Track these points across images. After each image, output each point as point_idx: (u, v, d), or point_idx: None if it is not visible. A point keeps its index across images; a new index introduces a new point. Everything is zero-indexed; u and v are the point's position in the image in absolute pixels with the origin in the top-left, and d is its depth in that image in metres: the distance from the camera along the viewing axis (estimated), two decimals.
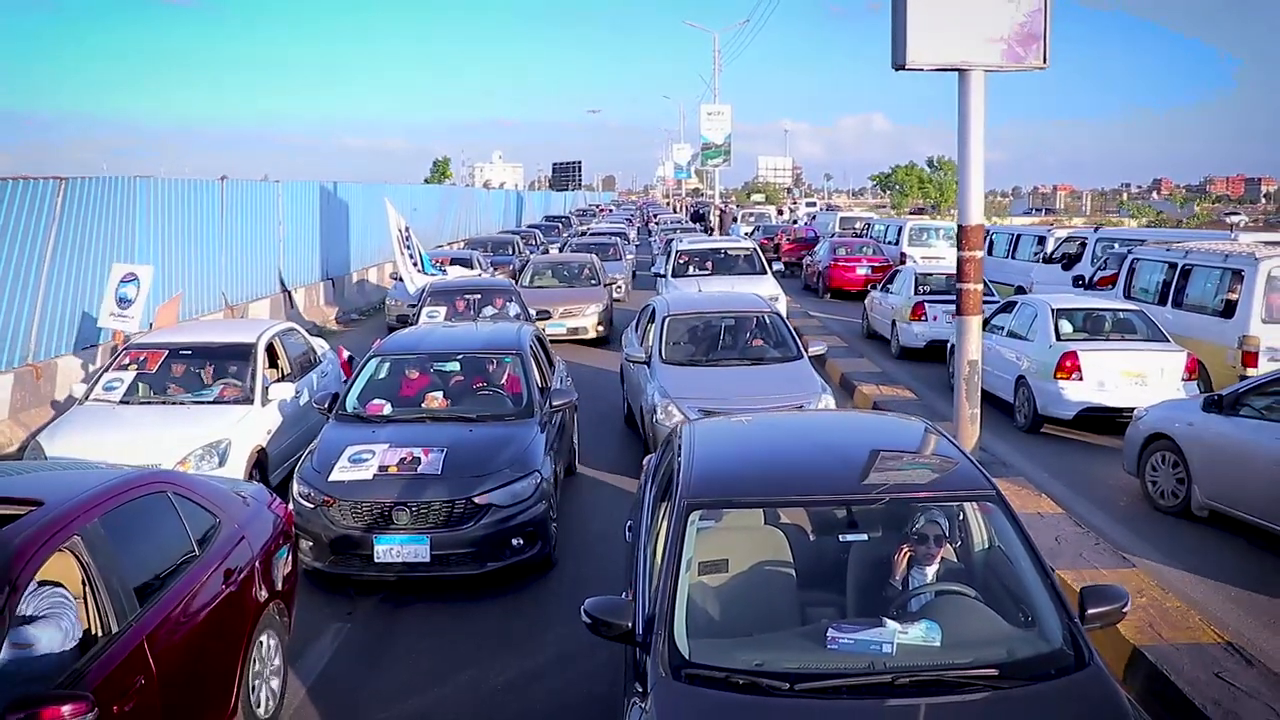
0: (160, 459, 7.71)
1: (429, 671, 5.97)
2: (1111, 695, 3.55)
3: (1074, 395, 10.55)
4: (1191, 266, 12.12)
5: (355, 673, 6.00)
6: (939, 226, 27.30)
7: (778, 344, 10.76)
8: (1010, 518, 4.26)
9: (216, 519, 5.18)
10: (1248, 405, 7.76)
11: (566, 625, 6.18)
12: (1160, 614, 5.83)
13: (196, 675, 4.61)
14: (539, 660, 6.10)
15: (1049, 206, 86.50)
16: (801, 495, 4.57)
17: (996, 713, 3.50)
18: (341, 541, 6.91)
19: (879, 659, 3.67)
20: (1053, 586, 3.93)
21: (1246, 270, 11.04)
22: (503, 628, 6.54)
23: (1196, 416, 8.09)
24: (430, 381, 8.74)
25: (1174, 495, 8.29)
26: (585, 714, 5.40)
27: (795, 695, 3.52)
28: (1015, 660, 3.68)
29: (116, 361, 9.42)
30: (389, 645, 6.37)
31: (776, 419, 6.76)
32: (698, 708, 3.56)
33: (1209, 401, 7.99)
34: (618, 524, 6.65)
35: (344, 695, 5.73)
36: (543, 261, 21.40)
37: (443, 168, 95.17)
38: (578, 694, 5.65)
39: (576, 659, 5.95)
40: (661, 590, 3.97)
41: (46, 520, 4.03)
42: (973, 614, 3.99)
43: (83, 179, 12.81)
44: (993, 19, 8.40)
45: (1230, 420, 7.78)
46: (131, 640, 4.13)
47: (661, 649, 3.74)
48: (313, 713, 5.59)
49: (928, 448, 4.94)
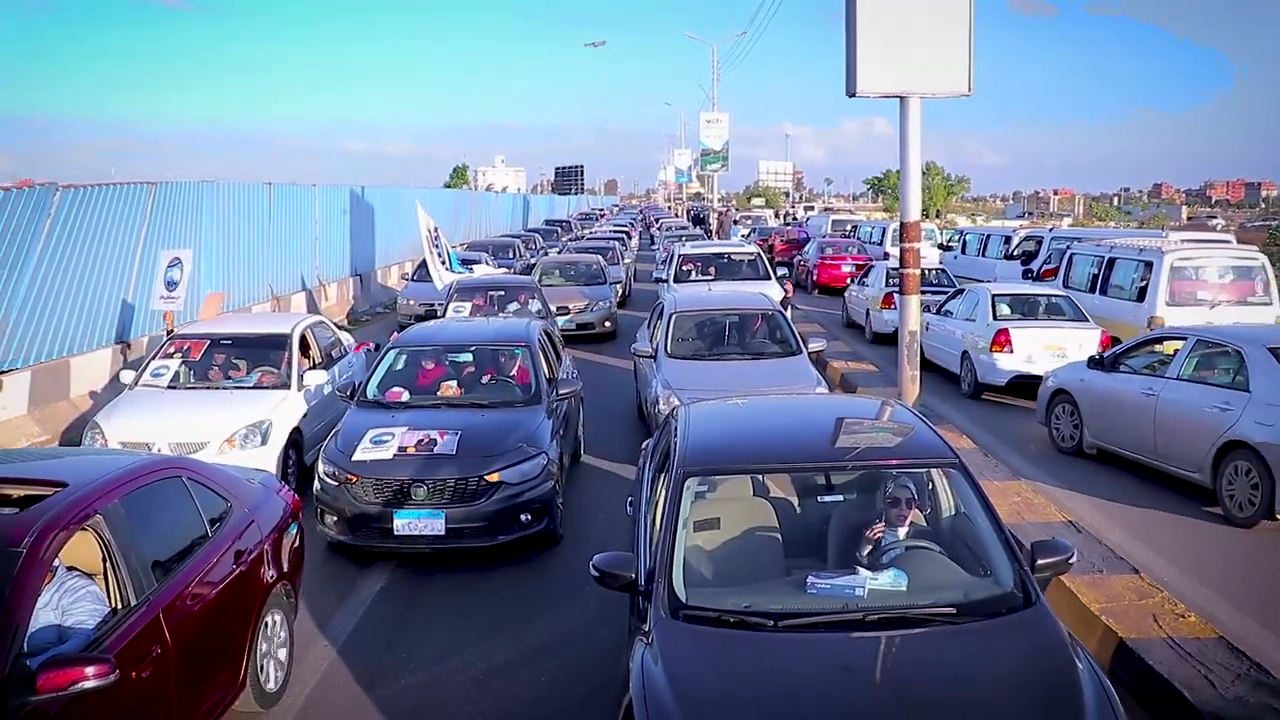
0: (209, 437, 8.60)
1: (446, 637, 6.44)
2: (1053, 628, 4.03)
3: (1006, 365, 12.58)
4: (1114, 259, 14.18)
5: (380, 638, 6.45)
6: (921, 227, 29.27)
7: (778, 340, 11.32)
8: (971, 483, 4.75)
9: (228, 503, 5.42)
10: (1123, 363, 9.81)
11: (571, 597, 6.92)
12: (1026, 505, 7.88)
13: (209, 649, 4.87)
14: (545, 625, 6.62)
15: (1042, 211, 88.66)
16: (786, 463, 5.07)
17: (954, 643, 3.97)
18: (364, 516, 7.43)
19: (852, 601, 4.17)
20: (1006, 541, 4.43)
21: (1155, 261, 13.09)
22: (512, 596, 7.10)
23: (1086, 374, 10.12)
24: (445, 371, 9.27)
25: (1070, 438, 10.32)
26: (589, 674, 5.79)
27: (779, 630, 4.03)
28: (971, 601, 4.20)
29: (162, 350, 10.11)
30: (409, 614, 6.87)
31: (765, 401, 7.15)
32: (694, 641, 4.02)
33: (1092, 360, 10.05)
34: (621, 507, 7.01)
35: (370, 659, 6.14)
36: (551, 262, 22.66)
37: (461, 174, 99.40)
38: (581, 655, 6.10)
39: (580, 627, 6.52)
40: (661, 545, 4.44)
41: (70, 500, 4.27)
42: (936, 565, 4.50)
43: (165, 183, 14.86)
44: (926, 53, 10.44)
45: (1109, 375, 9.82)
46: (149, 613, 4.37)
47: (662, 594, 4.22)
48: (345, 673, 6.01)
49: (900, 424, 5.44)
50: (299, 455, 9.29)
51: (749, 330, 11.62)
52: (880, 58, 10.41)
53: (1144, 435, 9.22)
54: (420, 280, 20.66)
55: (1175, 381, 8.97)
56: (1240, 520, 8.05)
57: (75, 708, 3.74)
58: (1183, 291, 12.85)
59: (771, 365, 10.65)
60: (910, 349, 10.81)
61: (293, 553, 5.92)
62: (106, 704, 3.91)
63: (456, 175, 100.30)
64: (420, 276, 20.90)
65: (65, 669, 3.65)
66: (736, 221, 46.21)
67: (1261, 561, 7.51)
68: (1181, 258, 13.02)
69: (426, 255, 18.66)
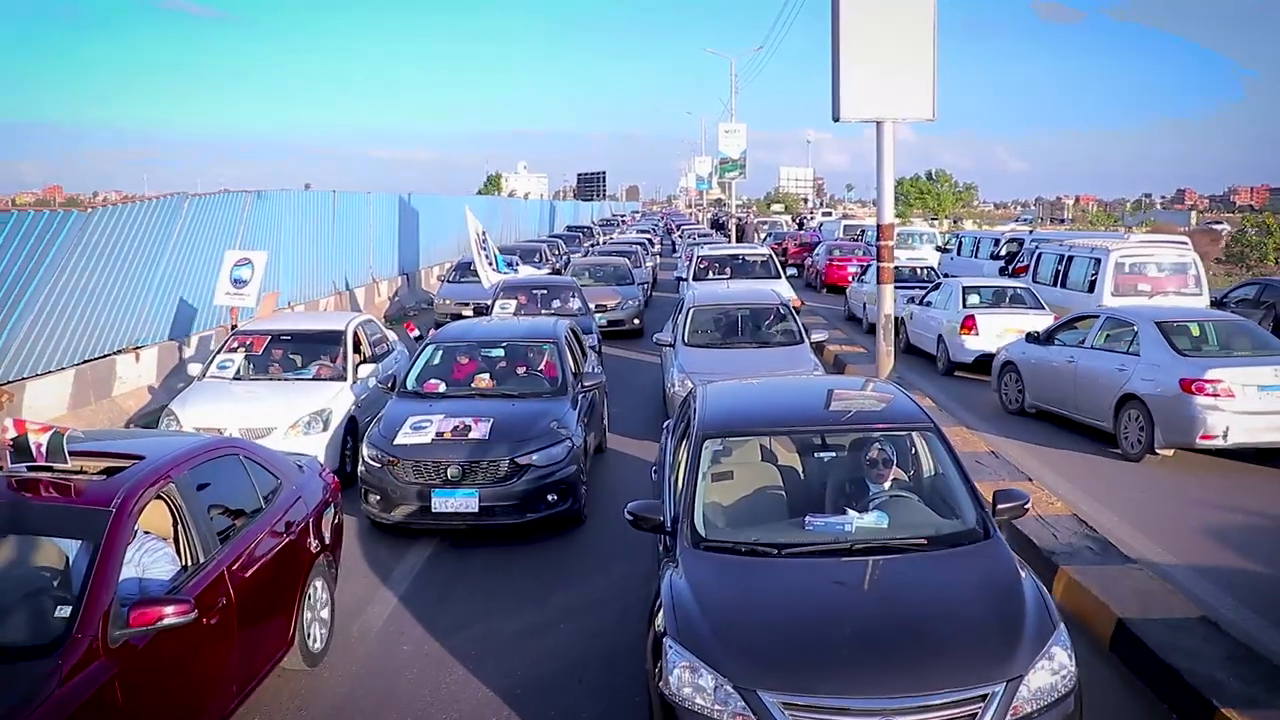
0: (275, 423, 9.34)
1: (484, 604, 7.09)
2: (1005, 553, 4.96)
3: (972, 346, 14.83)
4: (1071, 257, 16.41)
5: (426, 604, 7.10)
6: (922, 232, 31.57)
7: (783, 331, 12.61)
8: (944, 443, 5.67)
9: (278, 480, 6.03)
10: (1055, 338, 12.07)
11: (596, 570, 7.67)
12: (963, 442, 10.16)
13: (264, 607, 5.41)
14: (575, 592, 7.28)
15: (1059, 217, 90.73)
16: (789, 426, 6.07)
17: (925, 564, 4.89)
18: (404, 495, 8.07)
19: (843, 536, 5.04)
20: (971, 489, 5.33)
21: (1103, 258, 15.31)
22: (543, 569, 7.75)
23: (1027, 348, 12.40)
24: (478, 365, 9.90)
25: (1015, 400, 12.59)
26: (612, 633, 6.44)
27: (781, 556, 4.92)
28: (941, 535, 5.11)
29: (226, 345, 10.85)
30: (449, 584, 7.50)
31: (770, 380, 8.38)
32: (712, 564, 4.90)
33: (1030, 336, 12.33)
34: (643, 492, 7.55)
35: (419, 621, 6.79)
36: (582, 264, 24.11)
37: (495, 181, 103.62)
38: (603, 620, 6.72)
39: (605, 596, 7.16)
40: (684, 493, 5.33)
41: (149, 469, 4.92)
42: (913, 509, 5.39)
43: (259, 191, 17.37)
44: (897, 84, 12.65)
45: (1044, 347, 12.09)
46: (215, 569, 4.99)
47: (685, 531, 5.11)
48: (399, 633, 6.60)
49: (884, 396, 6.36)
50: (355, 441, 9.80)
51: (758, 322, 12.86)
52: (859, 89, 12.66)
53: (1067, 394, 11.50)
54: (455, 282, 22.33)
55: (1089, 350, 11.26)
56: (1132, 455, 10.31)
57: (158, 642, 4.36)
58: (1126, 284, 15.02)
59: (777, 353, 11.84)
60: (885, 329, 13.08)
61: (333, 528, 6.54)
62: (182, 643, 4.53)
63: (490, 183, 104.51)
64: (455, 278, 22.63)
65: (153, 607, 4.24)
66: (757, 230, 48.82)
67: (1144, 485, 9.72)
68: (1124, 255, 15.23)
69: (475, 256, 19.89)
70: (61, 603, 4.24)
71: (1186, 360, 10.03)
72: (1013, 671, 4.20)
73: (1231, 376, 9.66)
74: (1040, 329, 12.50)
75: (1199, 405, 9.65)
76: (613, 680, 5.83)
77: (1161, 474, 9.93)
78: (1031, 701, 4.17)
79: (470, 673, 6.04)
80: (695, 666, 4.29)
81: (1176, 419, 9.83)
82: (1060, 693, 4.24)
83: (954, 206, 76.14)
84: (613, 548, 7.97)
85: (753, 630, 4.44)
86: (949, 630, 4.44)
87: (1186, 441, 9.85)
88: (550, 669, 6.05)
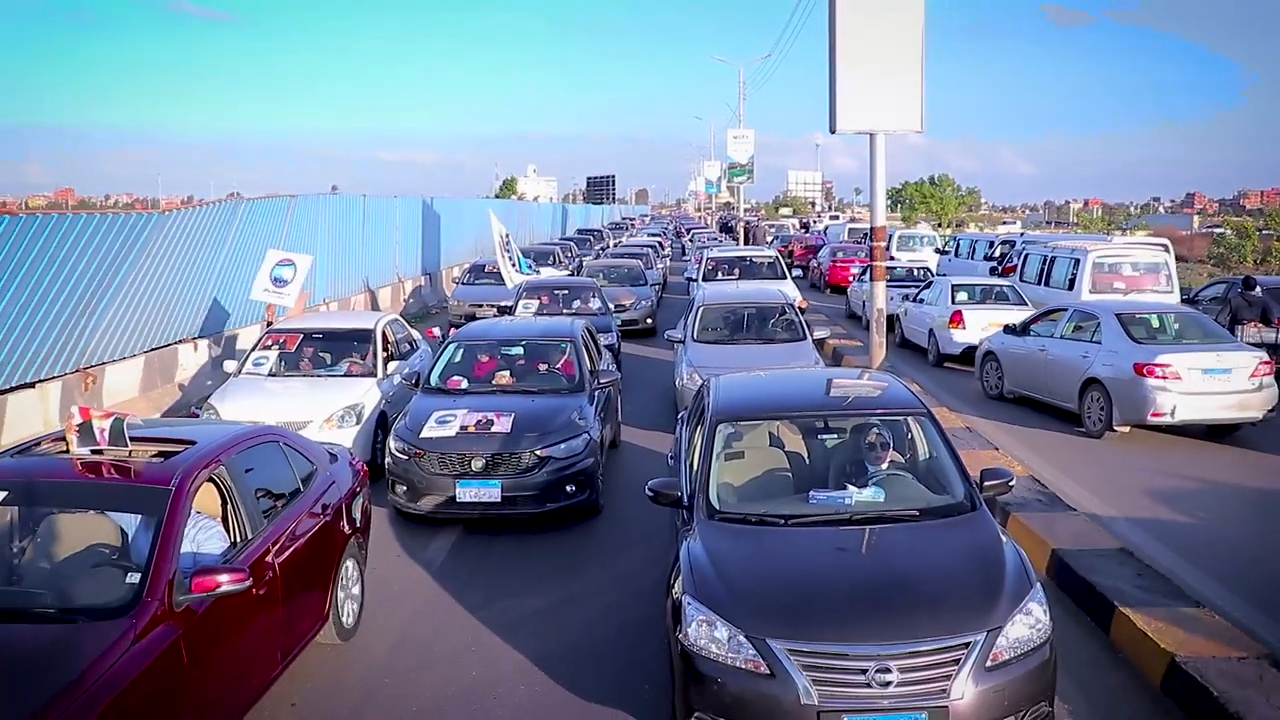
0: (311, 417, 9.76)
1: (507, 585, 7.52)
2: (989, 523, 5.47)
3: (959, 339, 16.10)
4: (1054, 257, 17.68)
5: (451, 588, 7.47)
6: (922, 235, 32.84)
7: (787, 328, 13.22)
8: (936, 427, 6.20)
9: (314, 465, 6.45)
10: (1030, 329, 13.34)
11: (612, 554, 8.14)
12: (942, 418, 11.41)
13: (303, 582, 5.80)
14: (593, 574, 7.78)
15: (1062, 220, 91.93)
16: (794, 411, 6.61)
17: (917, 532, 5.39)
18: (430, 486, 8.47)
19: (842, 508, 5.55)
20: (960, 468, 5.87)
21: (1081, 258, 16.58)
22: (564, 554, 8.17)
23: (1006, 339, 13.67)
24: (498, 363, 10.30)
25: (995, 387, 13.86)
26: (628, 610, 6.89)
27: (787, 525, 5.44)
28: (931, 507, 5.62)
29: (261, 343, 11.40)
30: (473, 568, 7.88)
31: (779, 373, 9.09)
32: (725, 532, 5.41)
33: (1008, 328, 13.61)
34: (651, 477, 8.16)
35: (445, 600, 7.22)
36: (597, 265, 24.80)
37: (511, 185, 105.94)
38: (622, 598, 7.16)
39: (622, 577, 7.61)
40: (699, 471, 5.85)
41: (202, 452, 5.35)
42: (907, 485, 5.90)
43: (300, 196, 18.75)
44: (888, 99, 13.92)
45: (1020, 339, 13.36)
46: (262, 545, 5.39)
47: (701, 504, 5.63)
48: (426, 611, 7.03)
49: (882, 384, 6.96)
50: (386, 434, 10.01)
51: (764, 320, 13.50)
52: (854, 103, 13.95)
53: (1040, 379, 12.78)
54: (470, 284, 22.90)
55: (1059, 340, 12.54)
56: (1094, 433, 11.59)
57: (215, 608, 4.78)
58: (1103, 282, 16.28)
59: (779, 349, 12.51)
60: (878, 323, 14.36)
61: (363, 512, 6.94)
62: (235, 611, 4.96)
63: (506, 187, 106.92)
64: (470, 280, 23.23)
65: (213, 574, 4.67)
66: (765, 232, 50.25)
67: (1100, 456, 10.97)
68: (1101, 255, 16.51)
69: (499, 258, 20.63)
70: (130, 571, 4.69)
71: (1141, 347, 11.31)
72: (992, 623, 4.69)
73: (1179, 361, 10.94)
74: (1018, 322, 13.76)
75: (1150, 387, 10.93)
76: (633, 643, 6.38)
77: (1117, 448, 11.21)
78: (1009, 650, 4.67)
79: (502, 641, 6.51)
80: (711, 620, 4.79)
81: (1131, 399, 11.11)
82: (1035, 643, 4.75)
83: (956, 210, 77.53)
84: (628, 535, 8.54)
85: (762, 587, 4.96)
86: (936, 587, 4.96)
87: (1139, 419, 11.12)
88: (570, 640, 6.51)
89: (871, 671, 4.50)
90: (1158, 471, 10.17)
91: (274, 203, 17.26)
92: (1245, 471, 10.36)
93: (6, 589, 4.77)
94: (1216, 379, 10.94)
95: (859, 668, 4.52)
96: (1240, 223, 38.63)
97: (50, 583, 4.79)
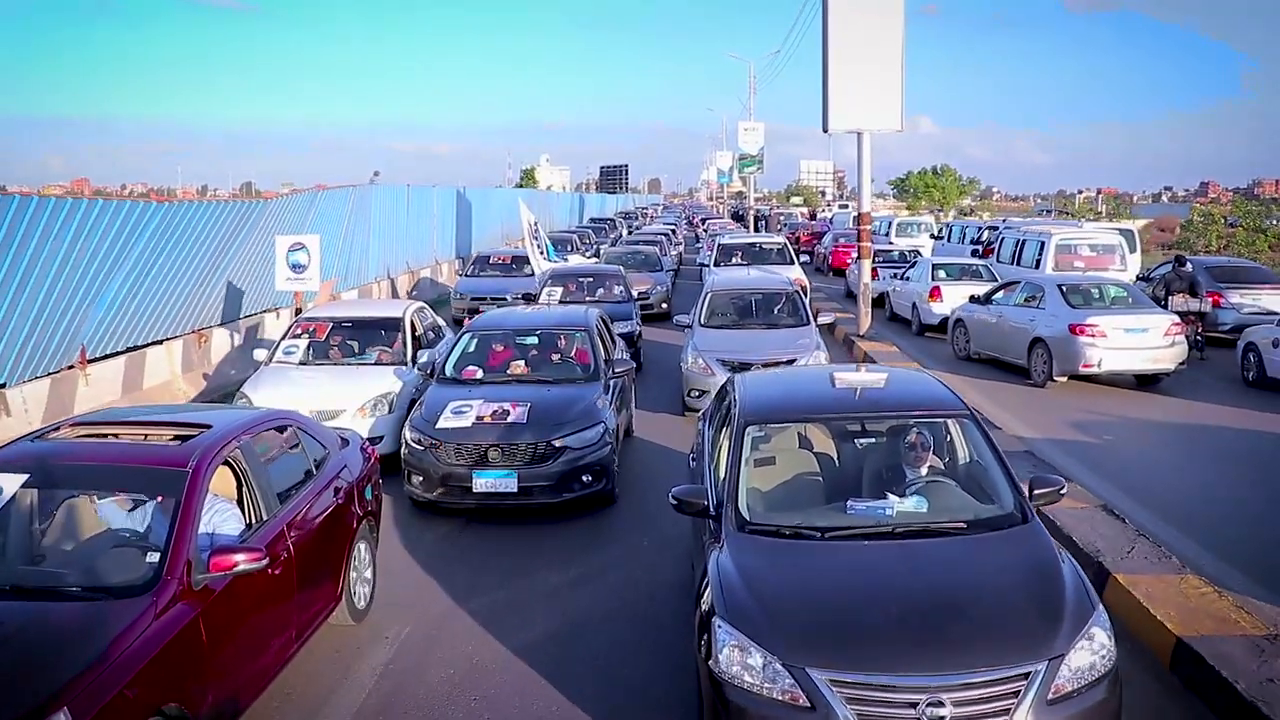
0: (344, 405, 9.78)
1: (521, 565, 7.62)
2: (1044, 538, 5.05)
3: (937, 310, 18.45)
4: (1025, 240, 20.02)
5: (459, 572, 7.48)
6: (919, 222, 35.14)
7: (791, 313, 13.50)
8: (980, 430, 5.74)
9: (326, 450, 6.45)
10: (992, 300, 15.71)
11: (628, 536, 8.30)
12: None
13: (317, 563, 5.84)
14: (613, 551, 7.97)
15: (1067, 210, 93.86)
16: (828, 413, 6.14)
17: (965, 547, 5.01)
18: (447, 476, 8.45)
19: (884, 520, 5.15)
20: (1009, 474, 5.40)
21: (1046, 241, 18.92)
22: (574, 539, 8.23)
23: (972, 308, 16.05)
24: (513, 353, 10.21)
25: (964, 349, 16.25)
26: (640, 600, 6.91)
27: (824, 539, 5.05)
28: (979, 519, 5.21)
29: (291, 331, 11.41)
30: (487, 554, 7.95)
31: (809, 370, 8.76)
32: (757, 546, 5.03)
33: (973, 299, 15.99)
34: (668, 472, 8.82)
35: (454, 588, 7.16)
36: (614, 252, 25.66)
37: (531, 175, 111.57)
38: (633, 585, 7.20)
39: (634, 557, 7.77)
40: (728, 479, 5.42)
41: (218, 434, 5.39)
42: (951, 494, 5.45)
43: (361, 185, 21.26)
44: (872, 99, 16.30)
45: (984, 307, 15.75)
46: (277, 525, 5.45)
47: (730, 514, 5.23)
48: (440, 593, 7.09)
49: (920, 385, 6.61)
50: None
51: (770, 306, 13.85)
52: (843, 104, 16.36)
53: (997, 341, 15.18)
54: (473, 275, 22.09)
55: (1011, 307, 14.94)
56: (1038, 383, 13.98)
57: (233, 587, 4.83)
58: (1064, 262, 18.60)
59: (784, 334, 12.86)
60: (864, 295, 16.81)
61: (375, 497, 6.96)
62: (252, 589, 5.00)
63: (526, 176, 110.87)
64: (474, 271, 22.45)
65: (230, 554, 4.72)
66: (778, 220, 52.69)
67: (1040, 400, 13.33)
68: (1063, 239, 18.88)
69: (527, 245, 21.09)
70: (150, 550, 4.75)
71: (1076, 311, 13.70)
72: (1054, 651, 4.30)
73: (1105, 322, 13.33)
74: (981, 294, 16.14)
75: (1081, 343, 13.32)
76: (649, 615, 6.65)
77: (1055, 393, 13.61)
78: (1072, 680, 4.28)
79: (522, 620, 6.65)
80: (744, 645, 4.40)
81: (1066, 353, 13.51)
82: (1100, 672, 4.35)
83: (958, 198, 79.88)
84: (645, 520, 8.60)
85: (800, 610, 4.56)
86: (991, 611, 4.56)
87: (1073, 369, 13.52)
88: (582, 621, 6.65)
89: (922, 706, 4.14)
90: (1081, 409, 12.55)
91: (341, 192, 19.83)
92: (1152, 410, 12.74)
93: (32, 569, 4.91)
94: (1136, 337, 13.31)
95: (908, 701, 4.16)
96: (1207, 210, 40.88)
97: (73, 562, 4.93)
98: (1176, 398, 13.32)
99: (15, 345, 10.53)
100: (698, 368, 11.90)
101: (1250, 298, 16.67)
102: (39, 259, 10.46)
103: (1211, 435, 11.49)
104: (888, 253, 25.04)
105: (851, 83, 16.21)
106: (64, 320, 11.25)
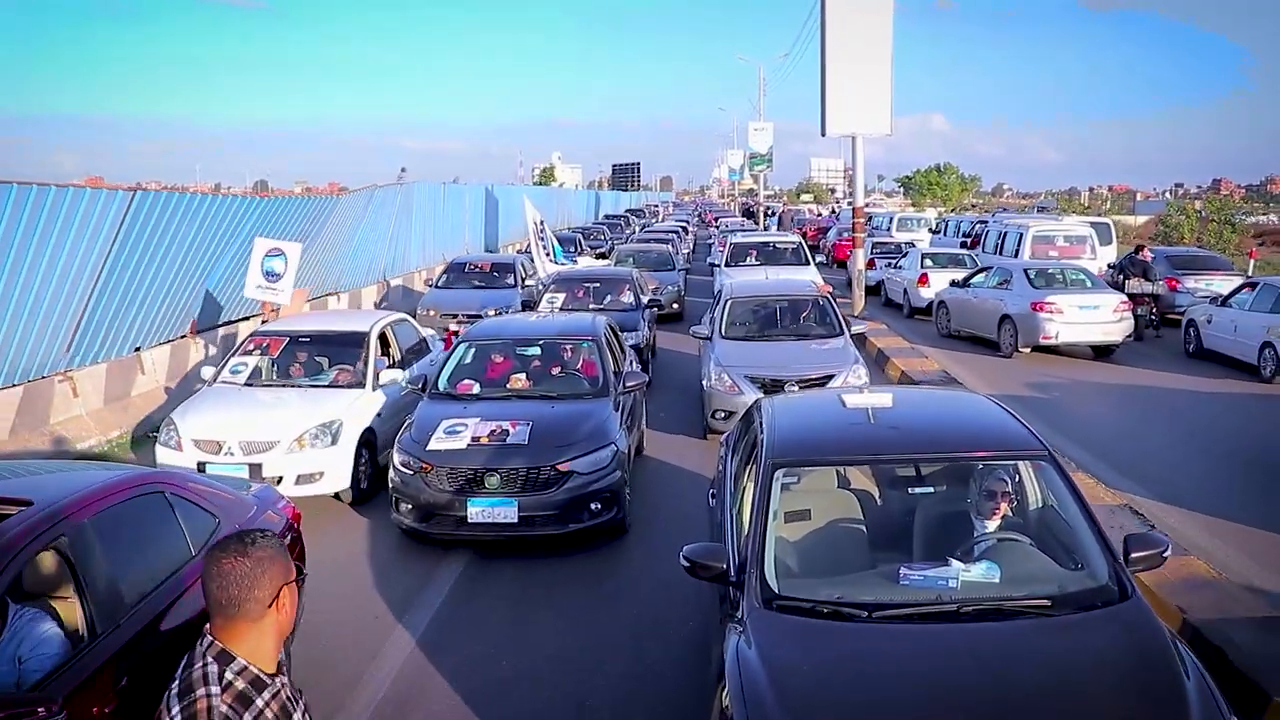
0: (279, 436, 8.52)
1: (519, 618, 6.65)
2: (1151, 622, 3.96)
3: (926, 295, 20.59)
4: (1005, 231, 22.19)
5: (459, 618, 6.65)
6: (918, 217, 37.30)
7: (822, 323, 12.13)
8: (1062, 475, 4.70)
9: (216, 520, 5.07)
10: (969, 283, 17.90)
11: (639, 573, 7.34)
12: (914, 359, 16.02)
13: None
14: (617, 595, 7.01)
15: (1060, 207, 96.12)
16: (873, 454, 5.06)
17: (1049, 635, 3.91)
18: (438, 505, 7.52)
19: (945, 592, 4.12)
20: (1100, 534, 4.36)
21: (1024, 232, 21.08)
22: (583, 580, 7.32)
23: (953, 290, 18.26)
24: (513, 365, 9.35)
25: (946, 327, 18.44)
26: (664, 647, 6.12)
27: (872, 621, 4.00)
28: (1066, 593, 4.13)
29: (242, 347, 10.18)
30: (486, 596, 7.01)
31: (848, 394, 6.34)
32: (787, 630, 4.01)
33: (953, 283, 18.19)
34: (684, 495, 8.49)
35: (455, 638, 6.34)
36: (626, 250, 24.93)
37: (549, 173, 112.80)
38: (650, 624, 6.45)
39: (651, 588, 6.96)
40: (752, 536, 4.42)
41: (33, 520, 3.96)
42: (1028, 557, 4.46)
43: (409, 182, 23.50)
44: (865, 105, 18.46)
45: (962, 289, 17.96)
46: (116, 642, 4.01)
47: (754, 585, 4.22)
48: (439, 640, 6.28)
49: (986, 416, 5.26)
50: (372, 455, 9.18)
51: (796, 314, 12.50)
52: (839, 109, 18.53)
53: (972, 319, 17.39)
54: (443, 286, 19.08)
55: (984, 289, 17.14)
56: (1006, 354, 16.19)
57: None
58: (1040, 251, 20.70)
59: (814, 346, 11.62)
60: (858, 280, 19.01)
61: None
62: None
63: (544, 175, 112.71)
64: (444, 281, 19.38)
65: (8, 711, 3.45)
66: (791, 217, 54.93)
67: (1005, 368, 15.50)
68: (1039, 231, 21.02)
69: (532, 246, 19.64)
70: None
71: (1037, 291, 15.89)
72: None
73: (1062, 300, 15.52)
74: (960, 278, 18.33)
75: (1041, 319, 15.52)
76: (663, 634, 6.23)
77: (1019, 362, 15.82)
78: None
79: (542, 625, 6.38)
80: None
81: (1029, 328, 15.70)
82: None
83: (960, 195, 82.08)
84: (658, 549, 7.64)
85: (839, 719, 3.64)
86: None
87: (1035, 342, 15.74)
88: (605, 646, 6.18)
89: None
90: (1039, 374, 14.73)
91: (392, 190, 22.16)
92: (1099, 374, 14.94)
93: None
94: (1089, 313, 15.50)
95: None
96: (1184, 205, 43.39)
97: None
98: (1125, 366, 15.49)
99: (151, 317, 12.75)
100: (723, 386, 10.63)
101: (1204, 282, 18.75)
102: (166, 245, 12.62)
103: (1145, 393, 13.69)
104: (887, 245, 27.24)
105: (846, 92, 18.38)
106: (182, 296, 13.48)
